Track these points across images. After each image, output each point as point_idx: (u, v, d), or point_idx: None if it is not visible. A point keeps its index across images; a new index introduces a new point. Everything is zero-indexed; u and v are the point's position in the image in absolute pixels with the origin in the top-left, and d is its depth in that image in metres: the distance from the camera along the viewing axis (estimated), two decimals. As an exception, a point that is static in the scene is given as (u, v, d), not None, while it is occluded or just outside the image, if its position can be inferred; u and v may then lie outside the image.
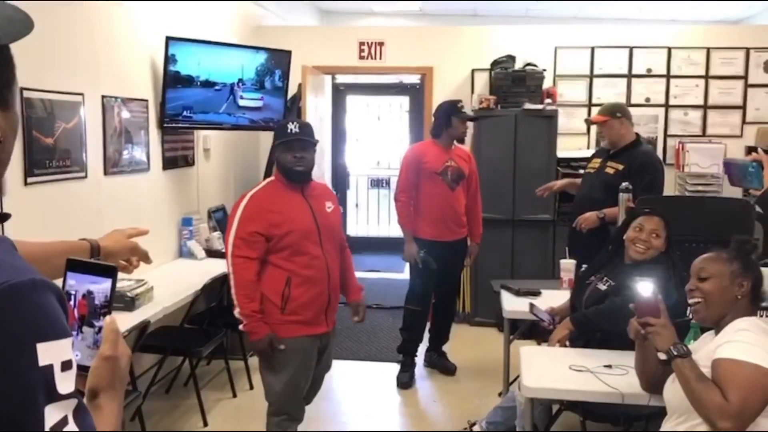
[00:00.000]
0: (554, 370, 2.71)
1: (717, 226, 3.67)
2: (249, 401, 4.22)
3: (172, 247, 4.70)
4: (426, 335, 4.88)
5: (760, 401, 1.95)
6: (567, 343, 3.01)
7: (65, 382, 0.79)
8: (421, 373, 4.81)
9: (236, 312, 2.94)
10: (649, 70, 6.07)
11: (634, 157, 4.22)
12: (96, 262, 1.10)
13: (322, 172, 6.80)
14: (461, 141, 4.65)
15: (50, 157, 3.34)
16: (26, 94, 3.14)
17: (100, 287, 1.04)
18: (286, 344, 2.95)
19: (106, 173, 3.84)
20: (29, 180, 3.18)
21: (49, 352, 0.77)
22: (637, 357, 2.42)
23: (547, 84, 5.88)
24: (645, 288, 2.31)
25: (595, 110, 6.05)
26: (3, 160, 0.94)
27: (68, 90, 3.47)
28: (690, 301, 2.30)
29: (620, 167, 4.19)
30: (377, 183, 9.40)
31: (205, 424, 3.92)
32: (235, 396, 4.29)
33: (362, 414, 4.15)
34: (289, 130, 3.01)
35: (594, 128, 6.02)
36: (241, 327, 2.96)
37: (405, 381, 4.61)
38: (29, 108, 3.17)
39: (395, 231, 6.16)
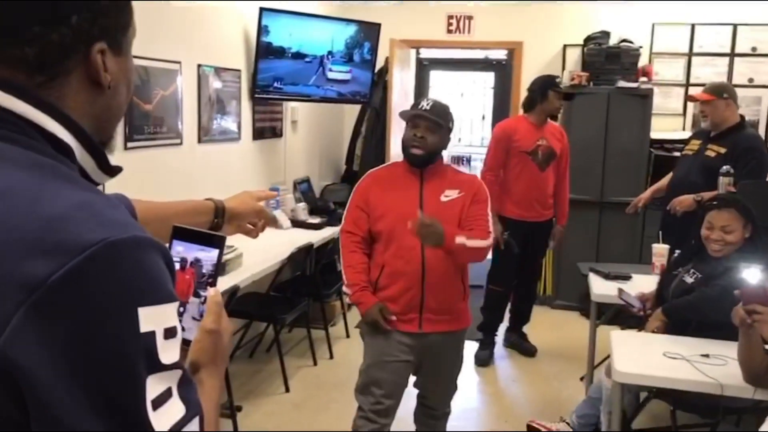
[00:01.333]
0: (647, 356, 2.62)
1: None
2: (329, 370, 4.28)
3: (259, 216, 4.78)
4: (507, 315, 4.82)
5: None
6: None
7: (169, 351, 0.72)
8: (501, 353, 4.76)
9: (344, 287, 2.81)
10: (753, 49, 5.74)
11: (737, 140, 4.01)
12: (203, 231, 1.02)
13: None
14: (554, 117, 4.51)
15: (148, 123, 3.44)
16: (128, 61, 3.22)
17: (208, 255, 0.97)
18: (369, 328, 2.74)
19: (199, 141, 3.93)
20: (129, 145, 3.29)
21: (152, 318, 0.69)
22: (740, 346, 2.31)
23: (642, 62, 5.65)
24: (752, 274, 2.20)
25: (693, 90, 5.79)
26: (113, 110, 0.86)
27: (166, 58, 3.55)
28: None
29: (722, 150, 3.99)
30: (458, 160, 9.32)
31: (287, 389, 4.00)
32: (315, 364, 4.36)
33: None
34: (420, 106, 2.70)
35: (691, 108, 5.80)
36: (348, 300, 2.91)
37: (484, 359, 4.58)
38: (131, 75, 3.26)
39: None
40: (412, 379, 2.88)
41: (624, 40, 5.65)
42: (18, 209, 0.68)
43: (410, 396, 2.93)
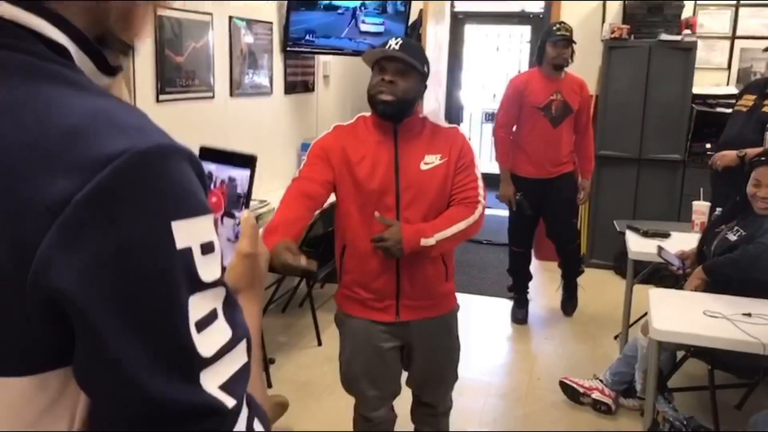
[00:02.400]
0: (686, 315, 2.57)
1: None
2: (361, 326, 4.29)
3: (292, 170, 4.76)
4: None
5: None
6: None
7: (209, 267, 0.66)
8: (535, 311, 4.73)
9: None
10: (805, -1, 5.49)
11: None
12: (233, 151, 0.95)
13: (438, 104, 6.67)
14: (559, 68, 4.20)
15: (180, 76, 3.41)
16: (158, 11, 3.19)
17: (242, 174, 0.90)
18: (343, 320, 2.38)
19: (231, 95, 3.90)
20: (161, 98, 3.27)
21: (187, 232, 0.63)
22: None
23: (686, 13, 5.44)
24: None
25: (739, 43, 5.59)
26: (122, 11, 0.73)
27: (197, 9, 3.50)
28: None
29: None
30: (491, 117, 9.15)
31: (319, 343, 4.02)
32: (347, 320, 4.37)
33: (473, 347, 4.13)
34: (387, 46, 2.18)
35: (737, 62, 5.59)
36: None
37: (519, 317, 4.55)
38: (160, 26, 3.22)
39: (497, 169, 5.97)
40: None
41: (667, -9, 5.43)
42: (27, 125, 0.62)
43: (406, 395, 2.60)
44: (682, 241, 3.47)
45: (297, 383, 3.55)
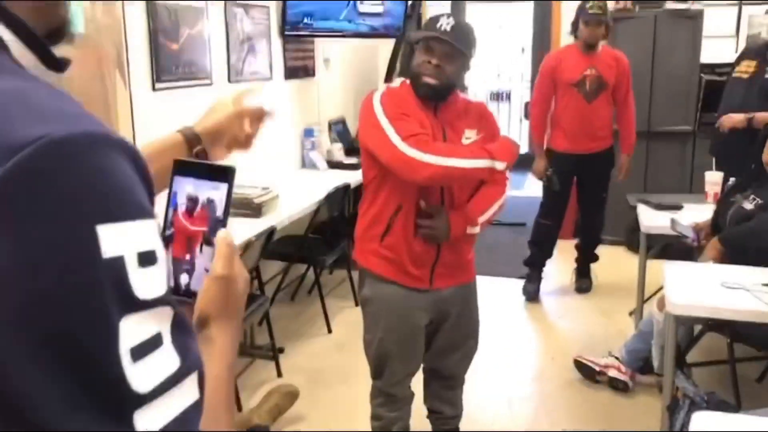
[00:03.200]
0: (703, 287, 2.49)
1: None
2: (371, 311, 4.24)
3: (296, 157, 4.71)
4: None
5: None
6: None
7: (147, 282, 0.54)
8: (548, 289, 4.66)
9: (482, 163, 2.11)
10: (814, -39, 5.35)
11: None
12: (209, 163, 0.83)
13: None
14: (591, 47, 4.18)
15: (176, 64, 3.34)
16: (151, -2, 3.12)
17: (220, 194, 0.79)
18: (376, 292, 2.32)
19: (230, 81, 3.83)
20: (157, 85, 3.20)
21: (118, 239, 0.52)
22: None
23: (692, -19, 5.32)
24: None
25: (747, 9, 5.46)
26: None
27: (192, -5, 3.43)
28: None
29: None
30: (497, 96, 9.06)
31: (329, 330, 3.97)
32: (357, 305, 4.31)
33: (486, 327, 4.07)
34: (438, 25, 2.12)
35: (745, 29, 5.47)
36: (498, 166, 2.13)
37: (531, 291, 4.51)
38: (154, 13, 3.15)
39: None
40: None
41: (672, -42, 5.31)
42: None
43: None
44: (696, 213, 3.39)
45: (307, 372, 3.50)
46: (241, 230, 3.09)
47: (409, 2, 5.14)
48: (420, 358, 2.43)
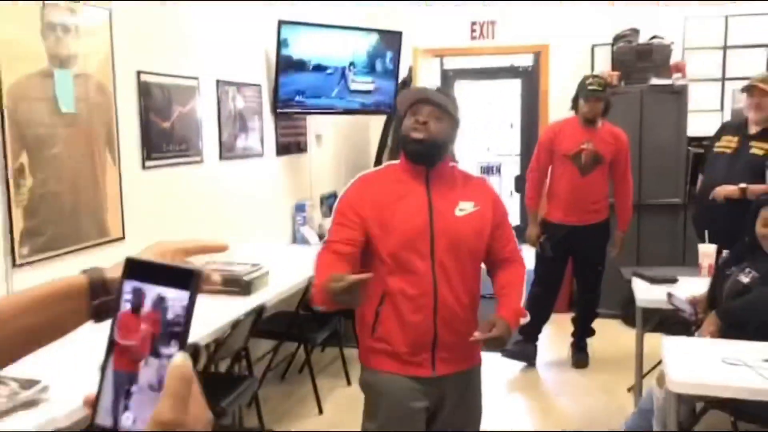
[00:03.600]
0: (704, 364, 2.43)
1: None
2: (364, 390, 4.12)
3: (287, 232, 4.68)
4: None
5: None
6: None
7: None
8: (543, 364, 4.56)
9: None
10: (792, 38, 5.51)
11: None
12: (168, 265, 0.64)
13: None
14: (590, 122, 4.23)
15: (168, 141, 3.35)
16: (143, 77, 3.15)
17: (178, 296, 0.66)
18: (374, 381, 2.24)
19: (221, 158, 3.84)
20: (147, 164, 3.20)
21: None
22: None
23: (675, 57, 5.45)
24: None
25: (731, 84, 5.58)
26: None
27: (183, 74, 3.46)
28: None
29: None
30: (487, 170, 9.13)
31: (321, 411, 3.85)
32: (349, 384, 4.20)
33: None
34: (422, 90, 2.27)
35: (729, 104, 5.58)
36: (319, 308, 2.12)
37: (515, 351, 4.43)
38: (146, 92, 3.18)
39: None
40: None
41: (654, 37, 5.46)
42: None
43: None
44: (691, 286, 3.35)
45: (298, 455, 3.37)
46: (229, 309, 3.02)
47: (400, 80, 5.24)
48: None
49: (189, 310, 0.65)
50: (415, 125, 2.14)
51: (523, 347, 4.52)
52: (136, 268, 0.67)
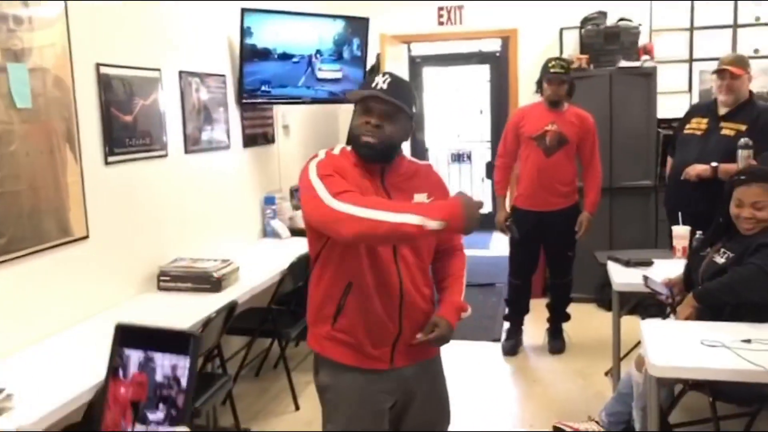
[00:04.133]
0: (683, 346, 2.41)
1: None
2: (340, 383, 4.07)
3: (256, 226, 4.58)
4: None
5: None
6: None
7: None
8: (523, 351, 4.56)
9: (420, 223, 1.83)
10: (757, 18, 5.53)
11: (756, 114, 3.81)
12: (163, 329, 0.57)
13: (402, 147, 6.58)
14: (555, 105, 4.26)
15: (130, 136, 3.24)
16: (102, 69, 3.03)
17: (168, 357, 0.58)
18: (333, 380, 2.12)
19: (186, 151, 3.73)
20: (110, 159, 3.09)
21: None
22: None
23: (643, 40, 5.45)
24: None
25: (698, 66, 5.60)
26: None
27: (144, 66, 3.35)
28: None
29: (741, 128, 3.76)
30: (458, 158, 9.10)
31: (297, 407, 3.78)
32: (325, 378, 4.14)
33: (458, 395, 3.92)
34: (374, 84, 2.02)
35: (698, 85, 5.60)
36: (430, 225, 1.82)
37: (508, 348, 4.55)
38: (106, 85, 3.06)
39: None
40: None
41: (622, 19, 5.45)
42: None
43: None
44: (666, 268, 3.34)
45: (275, 453, 3.31)
46: (200, 307, 2.94)
47: (368, 67, 5.16)
48: None
49: (191, 376, 0.54)
50: (367, 128, 1.99)
51: (514, 342, 4.57)
52: (128, 335, 0.57)
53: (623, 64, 5.24)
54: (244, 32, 4.15)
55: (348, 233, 1.86)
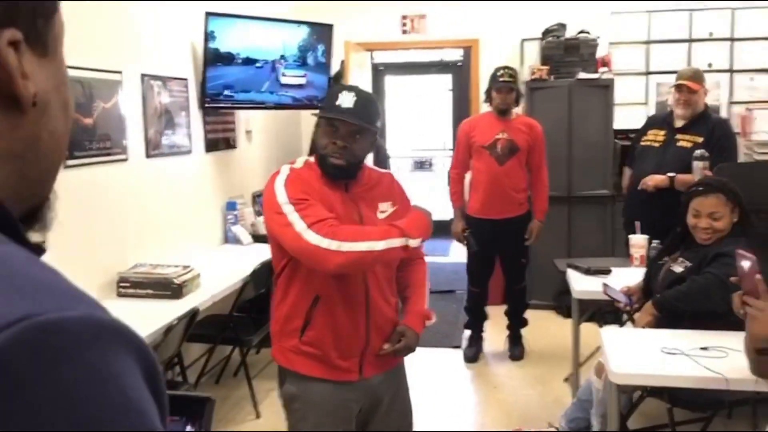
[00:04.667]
0: (643, 354, 2.46)
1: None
2: (301, 391, 4.04)
3: (218, 232, 4.53)
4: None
5: None
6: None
7: None
8: (483, 357, 4.59)
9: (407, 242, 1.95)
10: (711, 34, 5.70)
11: (712, 127, 3.93)
12: (178, 394, 0.52)
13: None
14: (504, 113, 4.33)
15: (90, 139, 3.18)
16: (63, 71, 2.97)
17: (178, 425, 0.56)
18: (301, 390, 2.12)
19: (147, 156, 3.67)
20: (69, 162, 3.01)
21: None
22: (746, 335, 2.15)
23: (601, 52, 5.56)
24: (744, 258, 2.04)
25: (654, 78, 5.74)
26: (47, 143, 0.55)
27: (105, 68, 3.29)
28: None
29: (698, 139, 3.87)
30: (420, 165, 9.15)
31: (258, 415, 3.74)
32: (286, 386, 4.11)
33: (418, 403, 3.93)
34: (337, 102, 2.01)
35: (654, 97, 5.73)
36: (412, 243, 1.96)
37: (470, 355, 4.57)
38: (66, 86, 3.00)
39: (438, 214, 5.92)
40: None
41: (582, 31, 5.55)
42: None
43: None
44: (624, 277, 3.40)
45: (236, 462, 3.27)
46: (160, 314, 2.89)
47: (332, 74, 5.16)
48: None
49: None
50: (334, 149, 2.00)
51: (475, 349, 4.60)
52: None
53: (582, 75, 5.34)
54: (208, 36, 4.10)
55: (332, 266, 1.90)
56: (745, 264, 2.02)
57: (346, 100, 2.00)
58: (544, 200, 4.45)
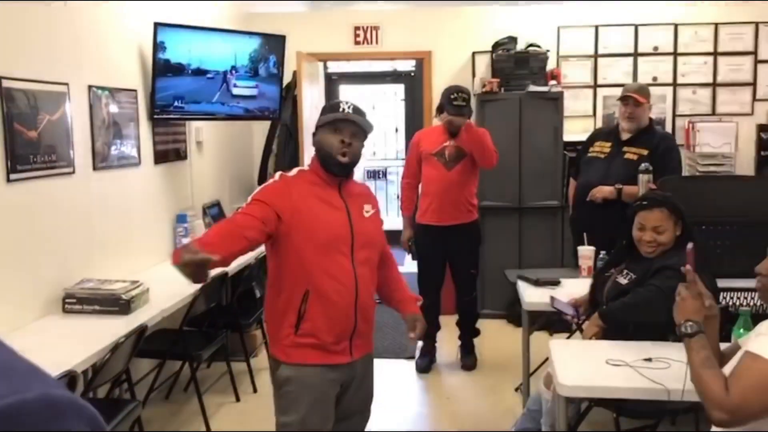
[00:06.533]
0: (589, 365, 2.51)
1: (746, 205, 3.51)
2: (253, 405, 4.00)
3: (167, 245, 4.45)
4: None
5: (763, 401, 1.71)
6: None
7: None
8: (435, 368, 4.61)
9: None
10: (655, 48, 5.87)
11: (657, 140, 4.04)
12: None
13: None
14: (452, 135, 4.34)
15: (35, 152, 3.10)
16: (5, 83, 2.90)
17: None
18: (295, 373, 2.37)
19: (95, 168, 3.60)
20: (12, 177, 2.94)
21: None
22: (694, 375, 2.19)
23: (550, 65, 5.67)
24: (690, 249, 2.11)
25: (601, 91, 5.88)
26: None
27: (51, 79, 3.22)
28: None
29: (643, 152, 3.97)
30: (374, 174, 9.17)
31: (208, 430, 3.69)
32: (238, 400, 4.07)
33: (375, 413, 3.94)
34: (341, 109, 2.37)
35: (601, 110, 5.87)
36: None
37: (422, 366, 4.59)
38: (9, 99, 2.93)
39: (394, 223, 5.96)
40: None
41: (531, 45, 5.65)
42: None
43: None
44: (573, 287, 3.46)
45: (186, 480, 3.22)
46: (107, 330, 2.84)
47: (284, 84, 5.14)
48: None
49: None
50: (342, 146, 2.32)
51: (428, 359, 4.62)
52: None
53: (532, 88, 5.43)
54: (158, 47, 4.05)
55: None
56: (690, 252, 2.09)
57: (346, 107, 2.40)
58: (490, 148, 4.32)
